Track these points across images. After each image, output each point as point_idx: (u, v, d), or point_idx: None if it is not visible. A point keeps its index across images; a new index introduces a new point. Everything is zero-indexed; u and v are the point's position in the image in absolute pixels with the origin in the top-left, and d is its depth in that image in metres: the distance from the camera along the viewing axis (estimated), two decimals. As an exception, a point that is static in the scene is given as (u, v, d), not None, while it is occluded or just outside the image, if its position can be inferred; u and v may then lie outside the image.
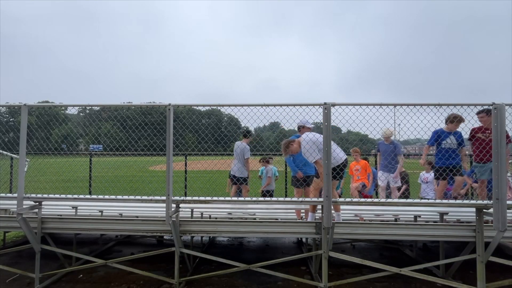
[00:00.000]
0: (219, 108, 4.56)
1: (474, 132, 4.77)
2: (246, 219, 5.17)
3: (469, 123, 4.06)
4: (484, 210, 3.61)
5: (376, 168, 6.89)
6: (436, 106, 4.23)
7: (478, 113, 4.58)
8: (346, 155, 4.46)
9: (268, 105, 3.79)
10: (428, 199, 6.35)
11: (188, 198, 4.09)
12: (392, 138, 6.08)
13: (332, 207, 4.89)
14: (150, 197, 4.15)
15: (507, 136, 3.97)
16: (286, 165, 8.13)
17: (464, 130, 4.71)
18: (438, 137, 4.98)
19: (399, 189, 6.34)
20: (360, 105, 3.61)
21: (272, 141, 5.35)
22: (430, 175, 6.60)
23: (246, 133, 6.08)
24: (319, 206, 4.68)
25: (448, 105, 3.99)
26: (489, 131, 4.33)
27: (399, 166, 6.10)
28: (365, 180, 6.31)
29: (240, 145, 5.96)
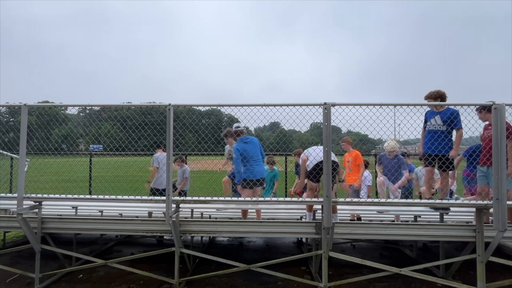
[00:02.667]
0: (219, 108, 4.57)
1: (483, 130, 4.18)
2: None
3: (469, 123, 4.00)
4: (484, 210, 3.61)
5: (371, 174, 6.71)
6: (436, 106, 4.23)
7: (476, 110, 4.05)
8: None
9: (268, 105, 3.79)
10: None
11: (188, 198, 4.10)
12: (396, 151, 5.58)
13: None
14: (150, 197, 4.16)
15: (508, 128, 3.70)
16: (286, 166, 8.13)
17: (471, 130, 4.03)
18: (425, 118, 4.35)
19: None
20: (360, 105, 3.60)
21: (272, 141, 5.34)
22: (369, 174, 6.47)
23: (157, 143, 6.14)
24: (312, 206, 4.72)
25: (448, 104, 3.99)
26: (489, 126, 3.82)
27: (402, 179, 5.59)
28: (357, 174, 5.84)
29: (164, 155, 5.77)
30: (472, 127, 3.95)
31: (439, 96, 4.18)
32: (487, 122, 4.13)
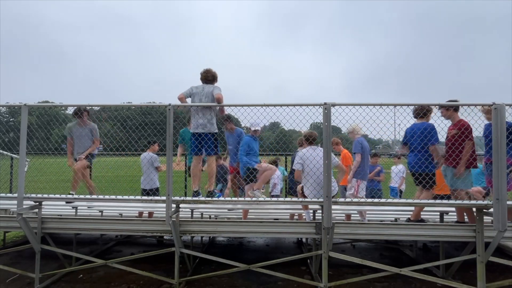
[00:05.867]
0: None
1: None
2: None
3: (470, 123, 4.01)
4: (484, 210, 3.61)
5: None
6: (436, 106, 4.23)
7: (440, 108, 4.10)
8: None
9: (268, 105, 3.79)
10: None
11: (188, 198, 4.09)
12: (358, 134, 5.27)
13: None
14: (150, 197, 4.15)
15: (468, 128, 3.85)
16: (285, 166, 8.12)
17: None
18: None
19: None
20: (360, 105, 3.60)
21: (272, 141, 5.33)
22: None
23: (151, 142, 6.00)
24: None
25: (448, 105, 3.99)
26: (451, 127, 4.05)
27: (354, 163, 5.22)
28: (346, 174, 5.46)
29: (147, 155, 5.87)
30: (472, 127, 3.97)
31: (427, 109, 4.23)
32: (478, 124, 4.15)
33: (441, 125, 4.09)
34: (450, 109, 4.01)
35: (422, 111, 4.21)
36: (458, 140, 3.85)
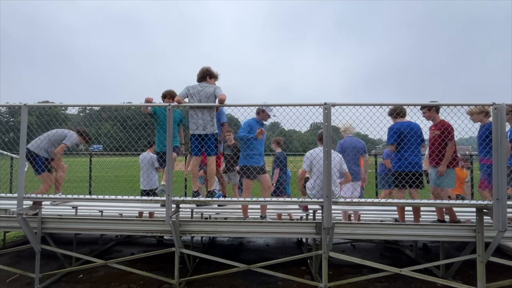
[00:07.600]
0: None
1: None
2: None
3: (469, 124, 4.03)
4: (484, 210, 3.61)
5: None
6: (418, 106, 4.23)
7: (421, 108, 4.13)
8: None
9: (268, 105, 3.79)
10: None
11: (188, 198, 4.09)
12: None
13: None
14: (150, 197, 4.15)
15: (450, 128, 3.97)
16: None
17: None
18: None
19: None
20: (360, 105, 3.60)
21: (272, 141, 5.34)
22: None
23: (151, 142, 5.87)
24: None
25: (448, 105, 3.99)
26: (433, 127, 4.21)
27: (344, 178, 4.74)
28: None
29: (147, 156, 5.82)
30: (472, 127, 4.00)
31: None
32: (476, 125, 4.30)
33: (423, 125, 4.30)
34: (432, 110, 4.13)
35: (402, 111, 4.34)
36: (445, 140, 4.00)
